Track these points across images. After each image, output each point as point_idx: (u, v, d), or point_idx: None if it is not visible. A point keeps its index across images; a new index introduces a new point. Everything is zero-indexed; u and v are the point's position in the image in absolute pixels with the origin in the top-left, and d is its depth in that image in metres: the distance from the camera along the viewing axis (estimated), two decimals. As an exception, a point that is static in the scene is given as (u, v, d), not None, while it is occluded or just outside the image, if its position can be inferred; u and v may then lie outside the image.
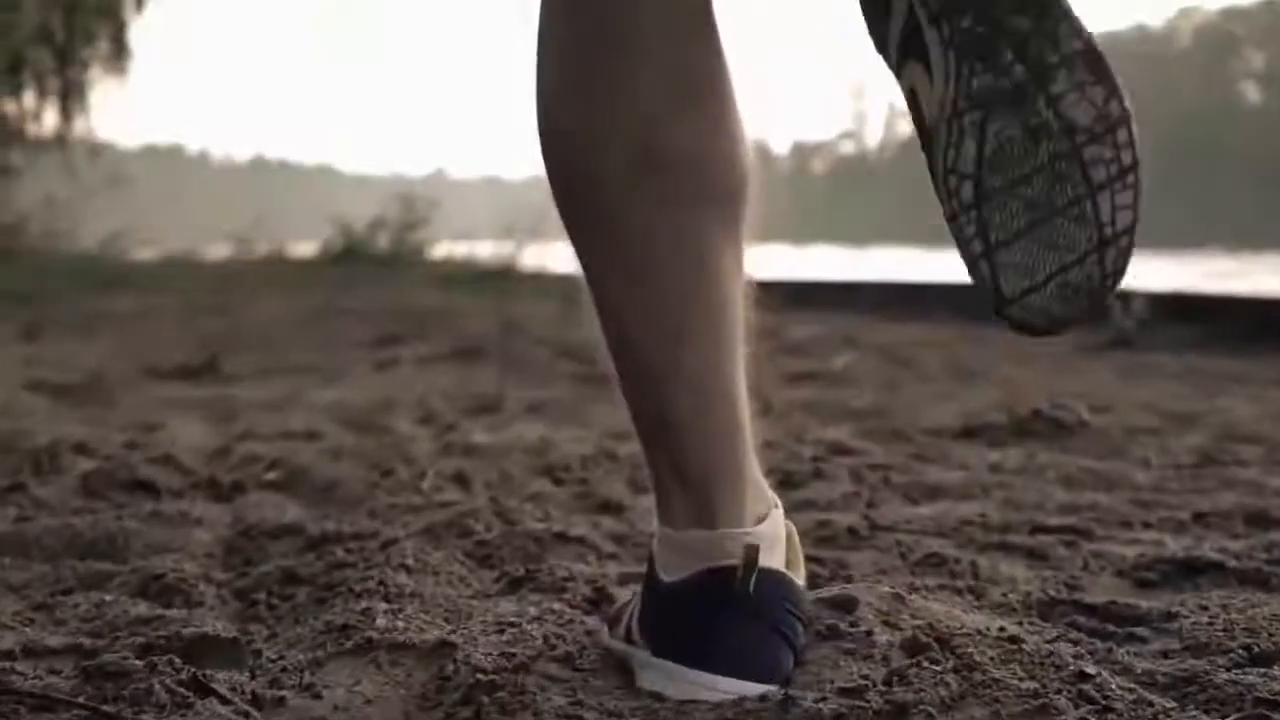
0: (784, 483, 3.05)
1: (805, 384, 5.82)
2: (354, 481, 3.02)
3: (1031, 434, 3.77)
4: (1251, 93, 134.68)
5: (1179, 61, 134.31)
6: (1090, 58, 1.55)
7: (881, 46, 1.65)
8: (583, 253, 1.73)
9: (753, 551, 1.64)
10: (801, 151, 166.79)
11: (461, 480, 3.07)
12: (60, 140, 21.55)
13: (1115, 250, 1.57)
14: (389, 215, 18.54)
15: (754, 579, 1.64)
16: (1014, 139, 1.56)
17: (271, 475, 3.14)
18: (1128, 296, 8.50)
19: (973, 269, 1.60)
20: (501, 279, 14.42)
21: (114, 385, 5.68)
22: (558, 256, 12.48)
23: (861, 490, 2.91)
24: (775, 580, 1.68)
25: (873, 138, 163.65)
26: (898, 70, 1.64)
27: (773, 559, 1.69)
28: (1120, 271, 1.57)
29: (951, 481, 3.05)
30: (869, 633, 1.76)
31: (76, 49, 21.70)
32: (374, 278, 15.29)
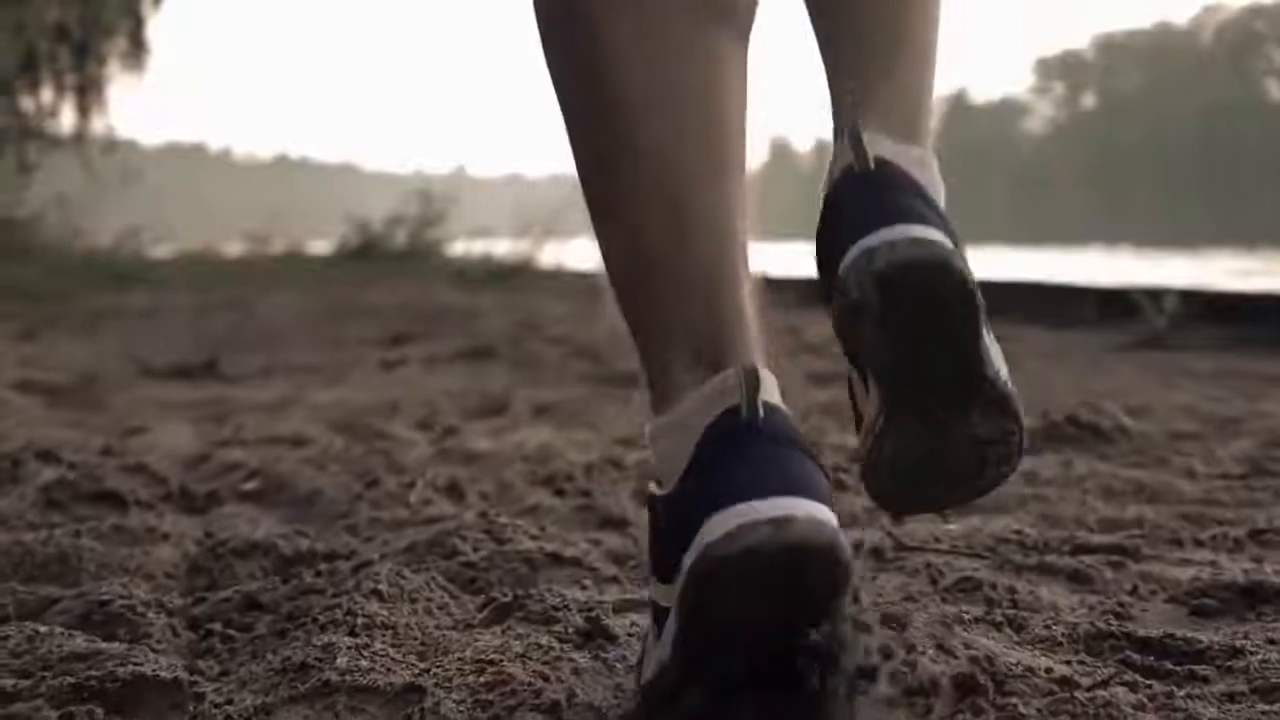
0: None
1: (825, 385, 5.59)
2: (337, 492, 2.79)
3: (1067, 440, 3.52)
4: (1275, 90, 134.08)
5: (1203, 58, 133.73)
6: (1004, 404, 1.66)
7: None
8: (571, 83, 1.60)
9: (752, 376, 1.49)
10: (824, 149, 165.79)
11: (454, 491, 2.84)
12: (78, 137, 21.41)
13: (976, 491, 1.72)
14: (406, 212, 18.34)
15: (761, 408, 1.47)
16: (922, 448, 1.64)
17: (250, 485, 2.92)
18: (1158, 294, 8.28)
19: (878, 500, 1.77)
20: (519, 276, 14.23)
21: (106, 386, 5.48)
22: (576, 254, 12.33)
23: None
24: (784, 416, 1.51)
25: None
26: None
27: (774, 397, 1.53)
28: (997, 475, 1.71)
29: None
30: (909, 672, 1.54)
31: (94, 45, 21.58)
32: (390, 275, 15.10)
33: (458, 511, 2.59)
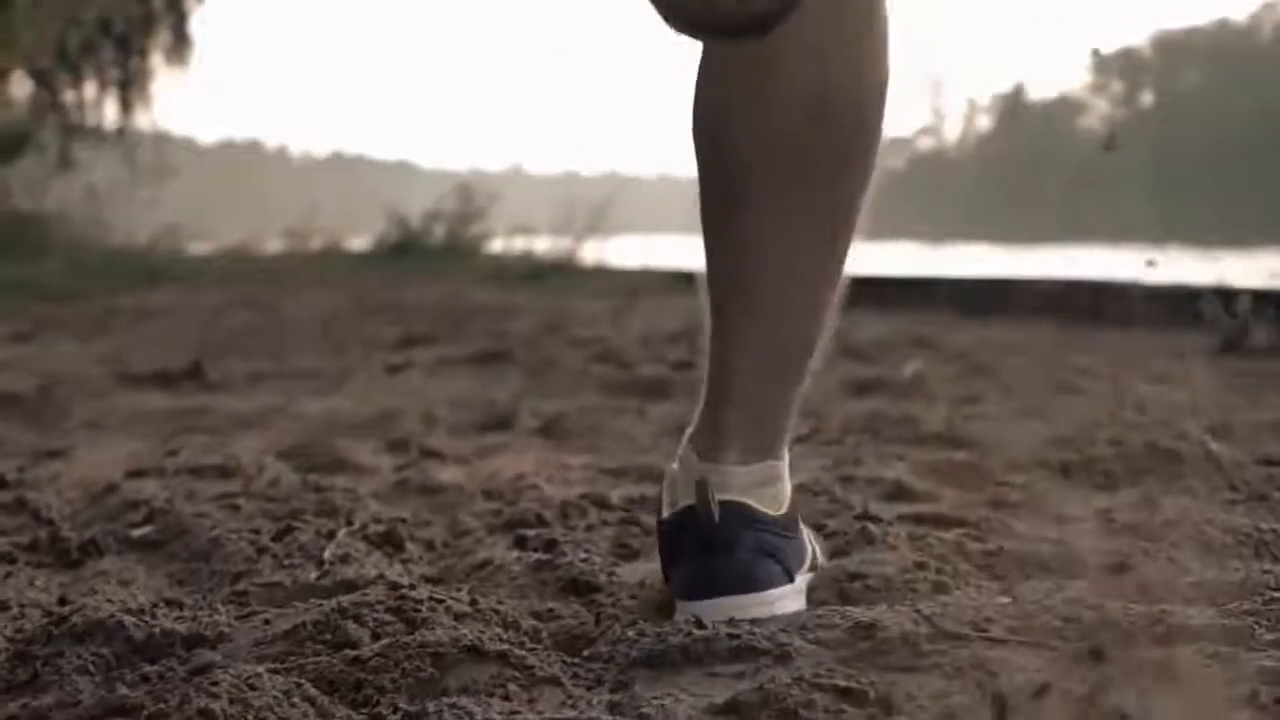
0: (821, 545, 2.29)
1: (867, 395, 5.04)
2: (241, 544, 2.23)
3: (1145, 471, 2.94)
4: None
5: (1261, 56, 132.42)
6: None
7: None
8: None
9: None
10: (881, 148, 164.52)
11: (388, 542, 2.29)
12: (120, 132, 21.05)
13: None
14: (445, 208, 17.81)
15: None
16: None
17: (143, 531, 2.38)
18: (1229, 295, 7.72)
19: None
20: (558, 274, 13.74)
21: (76, 394, 4.97)
22: (619, 250, 11.85)
23: (926, 563, 2.08)
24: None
25: (951, 133, 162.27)
26: None
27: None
28: None
29: (1050, 549, 2.22)
30: None
31: (136, 38, 21.24)
32: (426, 272, 14.62)
33: (378, 574, 2.04)
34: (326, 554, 2.14)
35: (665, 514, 1.90)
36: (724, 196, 1.85)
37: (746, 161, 1.81)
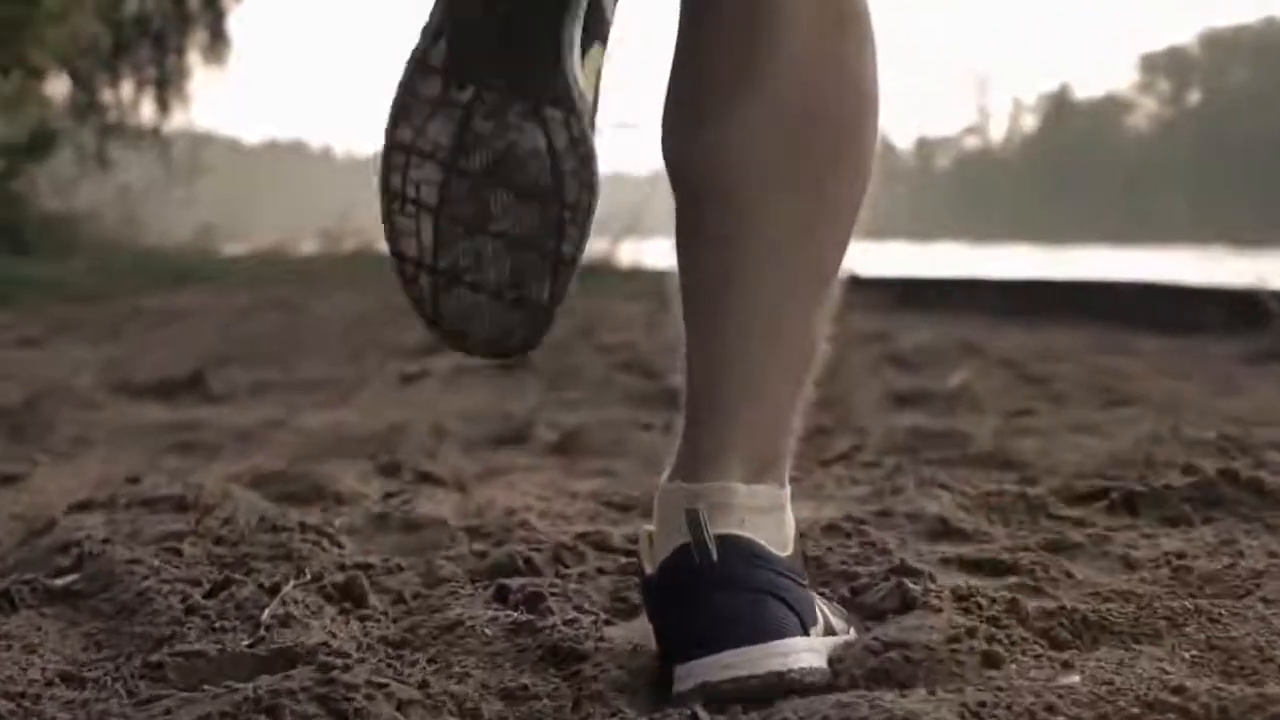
0: (851, 602, 1.96)
1: (911, 407, 4.72)
2: (170, 600, 1.90)
3: (1222, 504, 2.58)
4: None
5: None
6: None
7: None
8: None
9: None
10: (925, 147, 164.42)
11: (346, 597, 1.97)
12: (156, 132, 20.84)
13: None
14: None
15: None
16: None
17: (66, 580, 2.05)
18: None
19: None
20: (592, 276, 13.41)
21: (66, 406, 4.69)
22: (656, 252, 11.54)
23: (975, 629, 1.72)
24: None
25: (997, 132, 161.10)
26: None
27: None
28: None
29: (1118, 608, 1.87)
30: None
31: (174, 37, 21.05)
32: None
33: (320, 641, 1.71)
34: (265, 614, 1.81)
35: (649, 569, 1.66)
36: (708, 208, 1.72)
37: (730, 168, 1.70)
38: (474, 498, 2.70)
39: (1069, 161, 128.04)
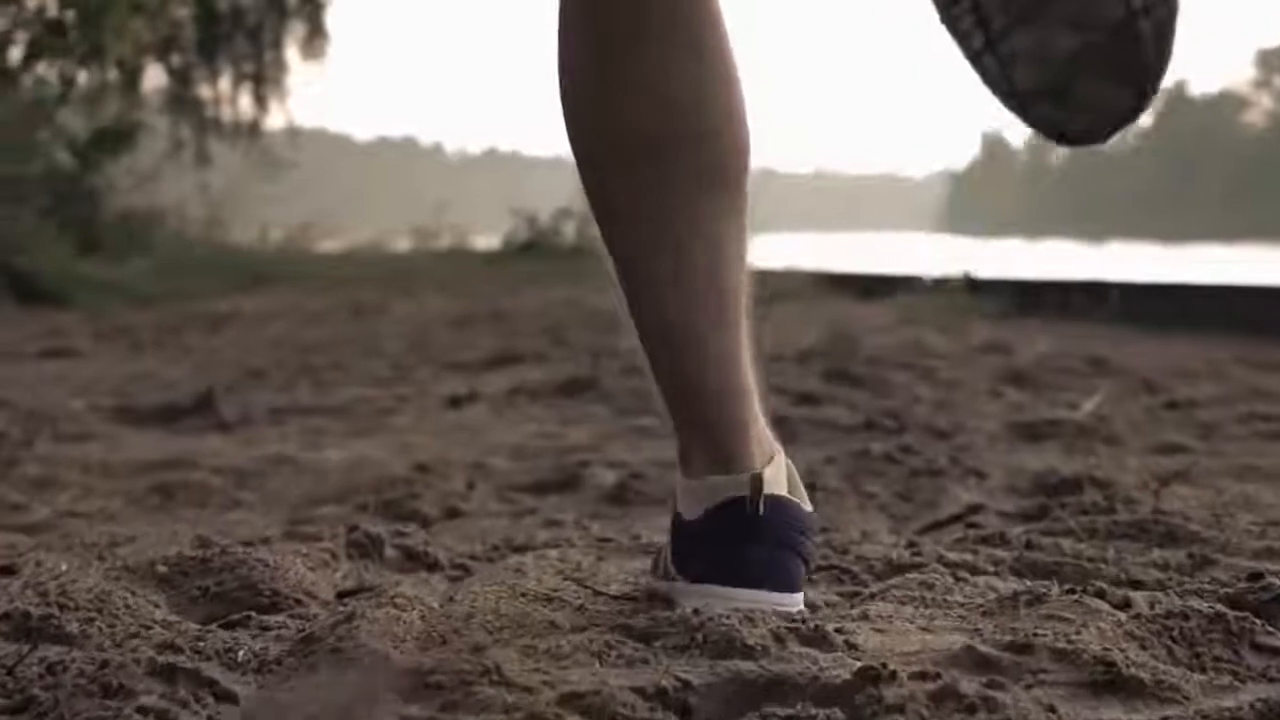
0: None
1: (1038, 442, 3.97)
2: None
3: None
4: None
5: None
6: None
7: None
8: (602, 224, 1.91)
9: (758, 481, 1.85)
10: (1038, 144, 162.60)
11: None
12: (253, 127, 20.47)
13: (1152, 21, 1.50)
14: (576, 205, 16.87)
15: (762, 504, 1.84)
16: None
17: None
18: None
19: (977, 67, 1.57)
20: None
21: (45, 436, 4.04)
22: (768, 252, 10.76)
23: None
24: (780, 504, 1.87)
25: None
26: None
27: (776, 487, 1.87)
28: (1165, 45, 1.50)
29: None
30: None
31: (270, 31, 20.68)
32: (553, 274, 13.69)
33: None
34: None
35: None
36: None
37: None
38: (463, 601, 1.96)
39: (1183, 158, 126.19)
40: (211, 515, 3.07)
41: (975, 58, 1.57)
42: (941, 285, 10.52)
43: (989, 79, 1.58)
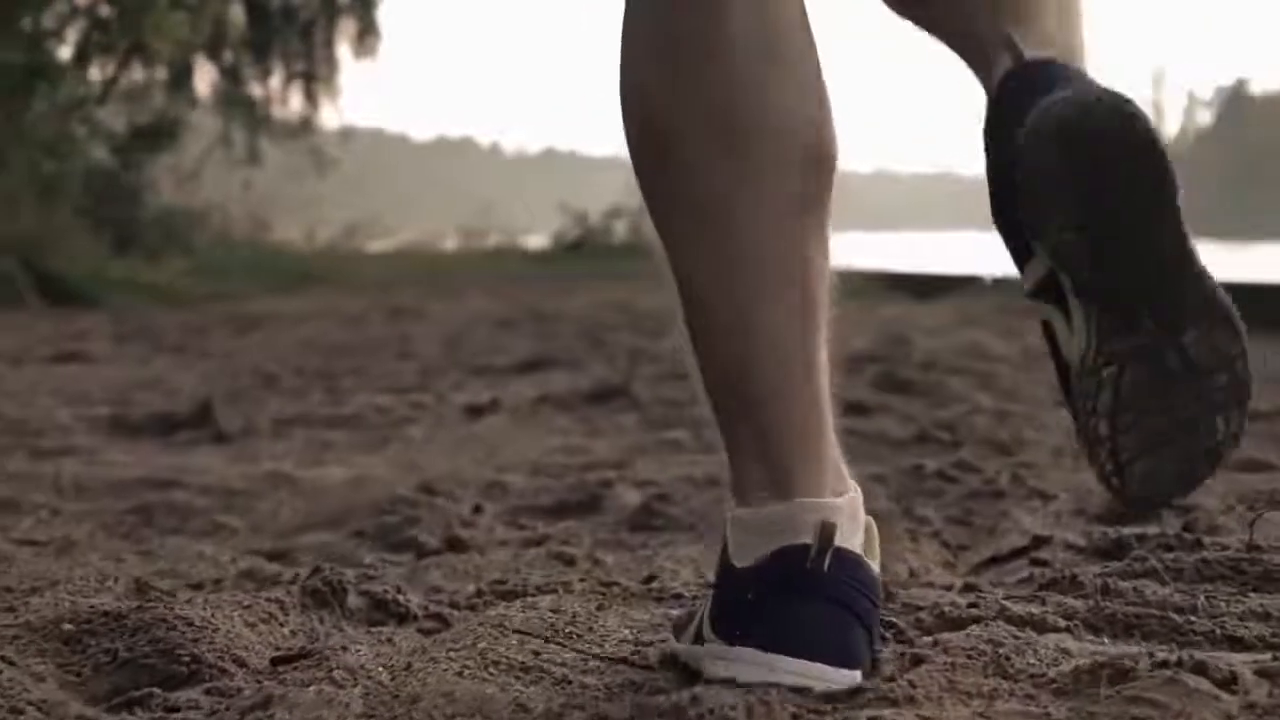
0: None
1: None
2: None
3: None
4: None
5: None
6: (1215, 306, 1.65)
7: (1015, 264, 1.76)
8: (659, 215, 1.70)
9: (829, 528, 1.59)
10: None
11: None
12: (305, 124, 20.28)
13: (1219, 455, 1.68)
14: (627, 203, 16.52)
15: (828, 558, 1.59)
16: (1144, 383, 1.66)
17: None
18: None
19: (1104, 480, 1.68)
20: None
21: (22, 452, 3.73)
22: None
23: None
24: (849, 561, 1.61)
25: (1171, 127, 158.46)
26: (1028, 296, 1.75)
27: (850, 541, 1.62)
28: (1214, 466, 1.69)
29: None
30: None
31: (321, 29, 20.53)
32: (601, 274, 13.38)
33: None
34: None
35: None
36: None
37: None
38: (418, 673, 1.61)
39: (1244, 158, 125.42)
40: (179, 545, 2.74)
41: (1104, 476, 1.68)
42: (1002, 285, 10.14)
43: (1109, 488, 1.69)
